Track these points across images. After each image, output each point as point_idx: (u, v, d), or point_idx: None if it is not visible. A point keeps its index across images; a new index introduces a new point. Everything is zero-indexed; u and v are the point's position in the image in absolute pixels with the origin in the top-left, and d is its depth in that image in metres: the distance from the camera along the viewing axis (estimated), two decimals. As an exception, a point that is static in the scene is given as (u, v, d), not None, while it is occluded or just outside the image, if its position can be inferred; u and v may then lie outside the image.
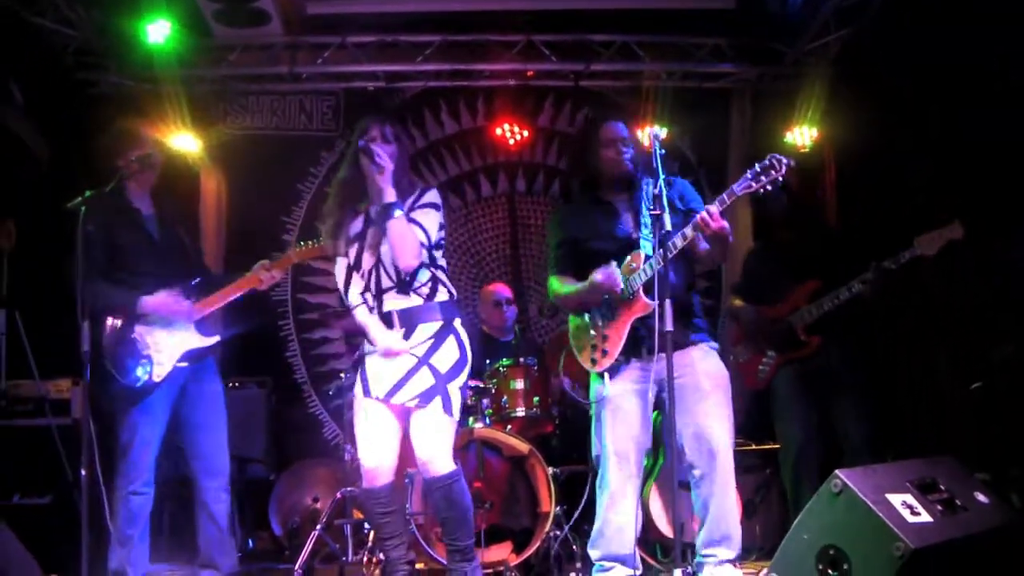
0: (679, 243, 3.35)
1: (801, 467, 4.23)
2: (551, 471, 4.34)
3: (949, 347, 4.97)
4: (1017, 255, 4.35)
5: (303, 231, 6.52)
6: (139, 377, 3.70)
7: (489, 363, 4.80)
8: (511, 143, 6.61)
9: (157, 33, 5.45)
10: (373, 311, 3.42)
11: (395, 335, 3.38)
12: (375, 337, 3.41)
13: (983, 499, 3.22)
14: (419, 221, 3.37)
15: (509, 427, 4.53)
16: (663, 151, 3.27)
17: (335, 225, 3.46)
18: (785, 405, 4.34)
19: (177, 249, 3.96)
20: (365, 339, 3.46)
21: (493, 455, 4.43)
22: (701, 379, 3.44)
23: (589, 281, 3.49)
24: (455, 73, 6.42)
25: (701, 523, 3.44)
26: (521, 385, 4.65)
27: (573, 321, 3.70)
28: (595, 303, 3.56)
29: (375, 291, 3.40)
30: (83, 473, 3.29)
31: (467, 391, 4.45)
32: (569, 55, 6.28)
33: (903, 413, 5.19)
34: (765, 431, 4.84)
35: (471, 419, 4.49)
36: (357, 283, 3.48)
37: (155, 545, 3.89)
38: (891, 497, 2.88)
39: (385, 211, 3.30)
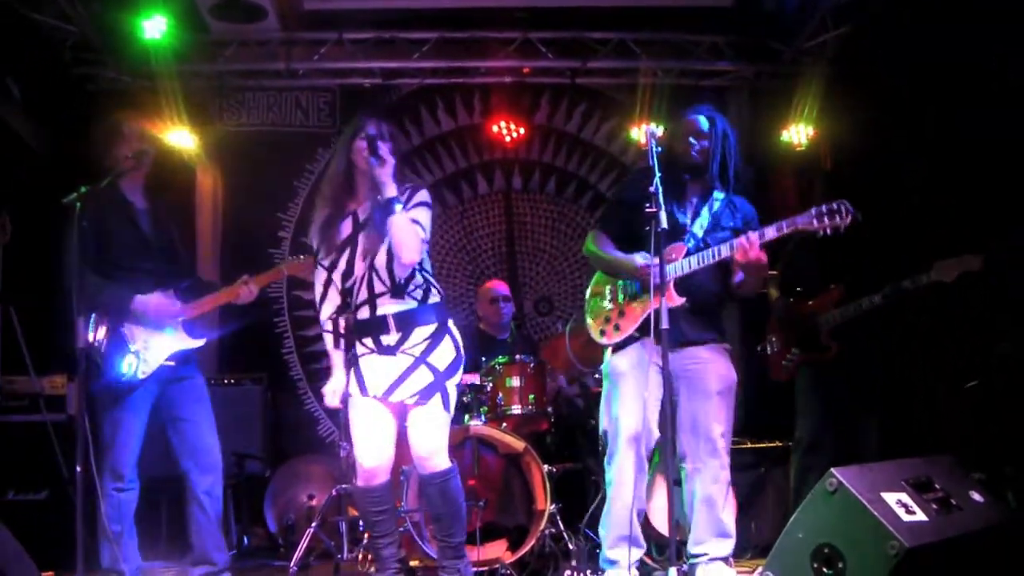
0: (714, 256, 3.36)
1: (809, 460, 4.27)
2: (546, 469, 4.33)
3: (945, 346, 4.97)
4: (1014, 255, 4.35)
5: (299, 227, 6.49)
6: (124, 373, 3.68)
7: (485, 360, 4.78)
8: (507, 140, 6.63)
9: (153, 29, 5.44)
10: (339, 343, 3.54)
11: (337, 385, 3.54)
12: (333, 372, 3.56)
13: (978, 498, 3.23)
14: (416, 219, 3.35)
15: (505, 424, 4.53)
16: (659, 148, 3.26)
17: (326, 220, 3.44)
18: (804, 400, 4.41)
19: (168, 246, 3.94)
20: (357, 340, 3.45)
21: (489, 452, 4.42)
22: (711, 376, 3.48)
23: (630, 259, 3.48)
24: (452, 70, 6.42)
25: (690, 519, 3.45)
26: (517, 383, 4.64)
27: (598, 278, 3.71)
28: (625, 278, 3.58)
29: (366, 296, 3.38)
30: (78, 469, 3.27)
31: (462, 388, 4.46)
32: (566, 52, 6.29)
33: (902, 412, 5.19)
34: (764, 429, 4.84)
35: (467, 416, 4.48)
36: (332, 299, 3.50)
37: (153, 544, 3.88)
38: (886, 496, 2.89)
39: (386, 206, 3.29)
